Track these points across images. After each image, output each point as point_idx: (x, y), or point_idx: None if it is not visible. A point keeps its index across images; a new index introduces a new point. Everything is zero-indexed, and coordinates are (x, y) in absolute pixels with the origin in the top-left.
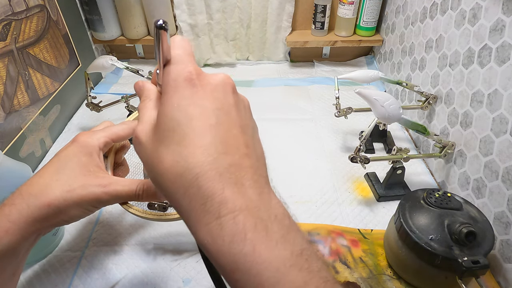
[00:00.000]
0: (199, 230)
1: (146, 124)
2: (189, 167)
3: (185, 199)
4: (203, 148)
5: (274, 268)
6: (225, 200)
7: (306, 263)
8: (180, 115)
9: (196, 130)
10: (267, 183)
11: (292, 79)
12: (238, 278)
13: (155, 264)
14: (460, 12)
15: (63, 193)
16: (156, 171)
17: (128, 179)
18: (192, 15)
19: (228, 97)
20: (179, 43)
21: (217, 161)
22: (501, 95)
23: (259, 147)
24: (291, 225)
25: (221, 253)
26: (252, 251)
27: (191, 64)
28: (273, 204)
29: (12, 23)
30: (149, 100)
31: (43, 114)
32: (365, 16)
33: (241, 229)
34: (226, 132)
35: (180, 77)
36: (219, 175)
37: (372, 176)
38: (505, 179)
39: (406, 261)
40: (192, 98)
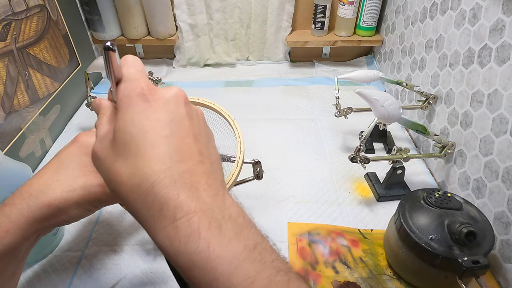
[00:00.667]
0: (157, 234)
1: (103, 140)
2: (145, 177)
3: (144, 207)
4: (157, 158)
5: (227, 262)
6: (180, 204)
7: (259, 256)
8: (134, 129)
9: (150, 142)
10: (222, 186)
11: (292, 79)
12: (195, 275)
13: (155, 264)
14: (460, 12)
15: (64, 193)
16: (115, 183)
17: None
18: (192, 15)
19: (180, 109)
20: (131, 62)
21: (172, 169)
22: (501, 95)
23: (214, 153)
24: (245, 222)
25: (178, 253)
26: (206, 248)
27: (143, 81)
28: (228, 205)
29: (12, 23)
30: (105, 116)
31: (43, 114)
32: (365, 16)
33: (196, 229)
34: (179, 141)
35: (132, 93)
36: (173, 182)
37: (372, 176)
38: (505, 179)
39: (406, 261)
40: (145, 112)
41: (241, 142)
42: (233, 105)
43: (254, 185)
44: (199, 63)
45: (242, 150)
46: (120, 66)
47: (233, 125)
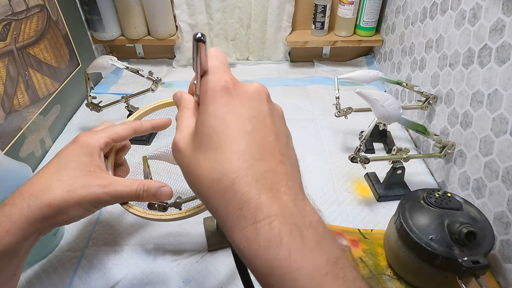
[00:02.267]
0: (235, 234)
1: (184, 132)
2: (226, 173)
3: (222, 204)
4: (239, 154)
5: (309, 275)
6: (261, 205)
7: (341, 272)
8: (217, 122)
9: (233, 137)
10: (301, 189)
11: (292, 79)
12: (273, 283)
13: (155, 264)
14: (460, 12)
15: (64, 193)
16: (194, 177)
17: (129, 179)
18: (192, 15)
19: (263, 106)
20: (214, 54)
21: (253, 167)
22: (501, 95)
23: (293, 154)
24: (325, 232)
25: (257, 257)
26: (287, 257)
27: (227, 74)
28: (308, 211)
29: (12, 23)
30: (186, 109)
31: (43, 114)
32: (365, 16)
33: (277, 234)
34: (261, 139)
35: (217, 86)
36: (255, 180)
37: (372, 176)
38: (505, 179)
39: (406, 261)
40: (229, 106)
41: None
42: None
43: None
44: None
45: None
46: (207, 59)
47: None
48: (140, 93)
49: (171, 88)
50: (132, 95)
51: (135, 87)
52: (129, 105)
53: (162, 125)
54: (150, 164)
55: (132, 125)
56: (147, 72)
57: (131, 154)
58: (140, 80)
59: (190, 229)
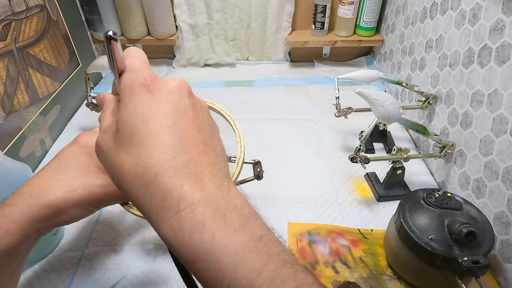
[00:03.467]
0: (161, 226)
1: (106, 133)
2: (148, 167)
3: (146, 198)
4: (161, 148)
5: (233, 254)
6: (184, 194)
7: (265, 248)
8: (137, 119)
9: (153, 132)
10: (226, 177)
11: (292, 79)
12: (200, 267)
13: (155, 264)
14: (460, 12)
15: (64, 193)
16: (117, 174)
17: None
18: (192, 15)
19: (183, 100)
20: (134, 53)
21: (175, 159)
22: (501, 95)
23: (219, 145)
24: (251, 214)
25: (182, 244)
26: (211, 240)
27: (146, 71)
28: (232, 196)
29: (12, 23)
30: (108, 109)
31: (43, 114)
32: (365, 16)
33: (200, 220)
34: (183, 132)
35: (135, 83)
36: (177, 171)
37: (372, 176)
38: (505, 179)
39: (406, 261)
40: (148, 102)
41: (241, 142)
42: (233, 105)
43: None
44: (199, 63)
45: (242, 150)
46: (123, 57)
47: (233, 125)
48: None
49: None
50: None
51: None
52: None
53: None
54: None
55: None
56: None
57: None
58: None
59: None
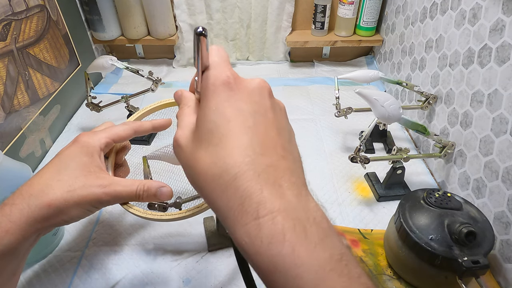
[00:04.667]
0: (237, 230)
1: (185, 129)
2: (227, 168)
3: (223, 199)
4: (240, 149)
5: (313, 272)
6: (263, 200)
7: (345, 269)
8: (218, 117)
9: (234, 132)
10: (304, 185)
11: (292, 79)
12: (276, 279)
13: (155, 264)
14: (460, 12)
15: (64, 193)
16: (194, 172)
17: (129, 179)
18: (192, 15)
19: (264, 100)
20: (215, 51)
21: (255, 161)
22: (501, 95)
23: (296, 150)
24: (329, 228)
25: (259, 254)
26: (291, 253)
27: (228, 69)
28: (311, 207)
29: (12, 23)
30: (187, 106)
31: (43, 114)
32: (365, 16)
33: (280, 230)
34: (263, 134)
35: (218, 81)
36: (257, 175)
37: (372, 176)
38: (505, 179)
39: (406, 261)
40: (230, 101)
41: None
42: None
43: None
44: None
45: None
46: (208, 54)
47: None
48: (140, 93)
49: (171, 88)
50: (132, 95)
51: (135, 87)
52: (129, 105)
53: (162, 125)
54: (150, 164)
55: (133, 125)
56: (147, 72)
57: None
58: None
59: (190, 229)
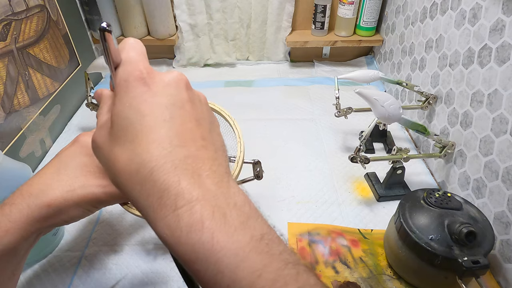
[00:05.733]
0: (157, 224)
1: (101, 128)
2: (143, 163)
3: (142, 195)
4: (157, 142)
5: (232, 254)
6: (181, 191)
7: (266, 247)
8: (132, 113)
9: (149, 126)
10: (226, 172)
11: (292, 79)
12: (199, 268)
13: (155, 264)
14: (460, 12)
15: (64, 193)
16: (113, 171)
17: None
18: (192, 15)
19: (181, 93)
20: (131, 44)
21: (172, 154)
22: (501, 95)
23: (218, 139)
24: (251, 211)
25: (180, 244)
26: (210, 239)
27: (141, 63)
28: (233, 192)
29: (12, 23)
30: (105, 105)
31: (43, 114)
32: (365, 16)
33: (199, 218)
34: (180, 125)
35: (130, 76)
36: (174, 167)
37: (372, 176)
38: (505, 179)
39: (406, 261)
40: (144, 96)
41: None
42: (233, 105)
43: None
44: (199, 63)
45: (242, 150)
46: (118, 50)
47: (233, 125)
48: None
49: None
50: None
51: None
52: None
53: None
54: None
55: None
56: None
57: None
58: None
59: None
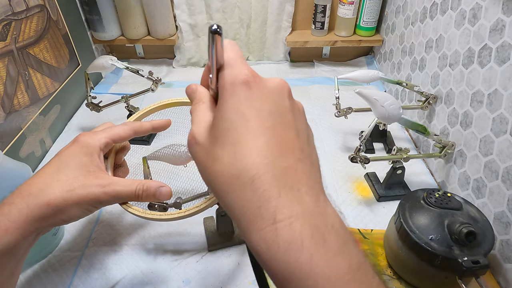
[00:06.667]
0: (253, 235)
1: (201, 126)
2: (245, 169)
3: (239, 202)
4: (258, 149)
5: (331, 281)
6: (281, 205)
7: (364, 278)
8: (237, 116)
9: (252, 132)
10: (322, 190)
11: (292, 79)
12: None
13: (155, 264)
14: (460, 12)
15: (63, 193)
16: (210, 172)
17: (128, 179)
18: (192, 15)
19: (284, 101)
20: (229, 46)
21: (273, 164)
22: (501, 95)
23: (314, 153)
24: (347, 236)
25: (275, 260)
26: (309, 261)
27: (245, 67)
28: (330, 213)
29: (12, 23)
30: (202, 103)
31: (43, 114)
32: (365, 16)
33: (298, 236)
34: (281, 135)
35: (237, 80)
36: (275, 178)
37: (372, 176)
38: (505, 179)
39: (406, 261)
40: (249, 100)
41: None
42: None
43: None
44: (199, 63)
45: None
46: (223, 51)
47: None
48: (140, 93)
49: (171, 88)
50: (132, 95)
51: (135, 87)
52: (129, 105)
53: (162, 126)
54: (150, 164)
55: (132, 126)
56: (147, 72)
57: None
58: (140, 80)
59: (190, 229)
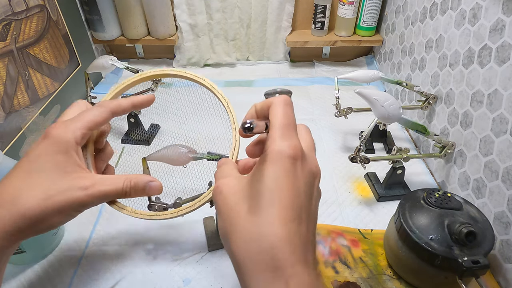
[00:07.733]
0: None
1: (229, 178)
2: (266, 235)
3: (251, 262)
4: (285, 220)
5: None
6: (295, 274)
7: None
8: (274, 184)
9: (283, 203)
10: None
11: (292, 79)
12: None
13: (155, 264)
14: (460, 12)
15: (39, 201)
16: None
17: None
18: (192, 15)
19: (313, 189)
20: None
21: (292, 233)
22: (501, 95)
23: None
24: None
25: None
26: None
27: (296, 141)
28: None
29: (12, 23)
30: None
31: (43, 114)
32: (365, 16)
33: None
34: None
35: (285, 152)
36: (292, 251)
37: (372, 176)
38: (505, 179)
39: (406, 261)
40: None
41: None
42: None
43: None
44: (199, 63)
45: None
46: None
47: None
48: (140, 93)
49: (171, 88)
50: (132, 95)
51: (135, 87)
52: None
53: (143, 102)
54: (149, 165)
55: (109, 106)
56: None
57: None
58: None
59: (190, 229)
